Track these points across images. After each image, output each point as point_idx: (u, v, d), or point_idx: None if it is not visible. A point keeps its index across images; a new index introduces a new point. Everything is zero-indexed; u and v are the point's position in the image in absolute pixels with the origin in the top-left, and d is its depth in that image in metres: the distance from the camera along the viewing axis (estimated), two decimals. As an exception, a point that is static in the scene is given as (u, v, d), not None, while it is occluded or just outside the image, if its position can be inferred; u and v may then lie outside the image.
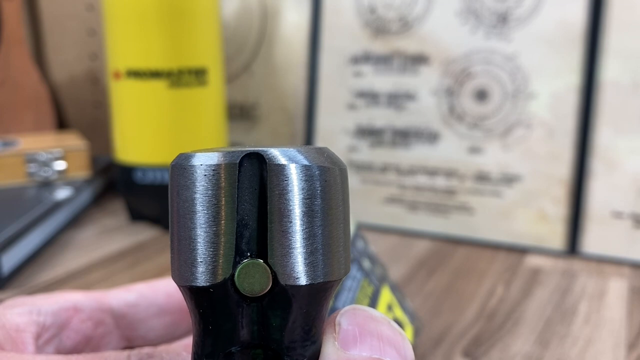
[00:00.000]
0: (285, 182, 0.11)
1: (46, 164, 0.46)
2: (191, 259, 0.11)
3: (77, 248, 0.40)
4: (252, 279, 0.11)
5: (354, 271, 0.24)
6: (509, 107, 0.40)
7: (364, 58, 0.44)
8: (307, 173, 0.11)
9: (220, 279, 0.11)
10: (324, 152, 0.12)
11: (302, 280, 0.11)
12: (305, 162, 0.11)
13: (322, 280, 0.11)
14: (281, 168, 0.11)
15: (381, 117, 0.44)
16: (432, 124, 0.42)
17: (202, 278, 0.11)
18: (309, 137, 0.47)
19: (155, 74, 0.40)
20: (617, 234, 0.38)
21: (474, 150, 0.41)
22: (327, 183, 0.11)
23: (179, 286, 0.12)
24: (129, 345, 0.19)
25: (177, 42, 0.40)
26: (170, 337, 0.20)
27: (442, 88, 0.42)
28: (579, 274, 0.36)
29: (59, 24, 0.56)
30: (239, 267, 0.11)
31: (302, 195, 0.11)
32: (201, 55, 0.41)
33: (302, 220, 0.11)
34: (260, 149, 0.11)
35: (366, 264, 0.26)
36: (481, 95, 0.41)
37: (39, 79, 0.55)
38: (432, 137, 0.42)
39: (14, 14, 0.53)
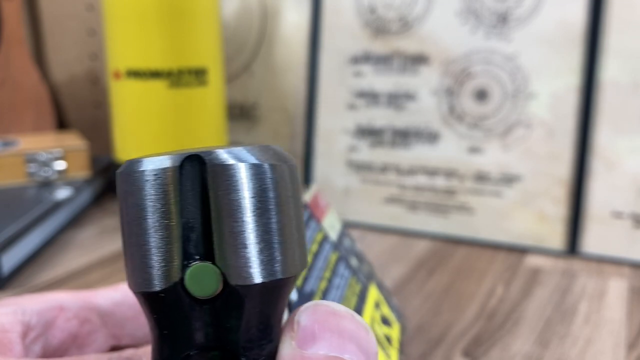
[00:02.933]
0: (227, 182, 0.11)
1: (46, 164, 0.46)
2: (141, 265, 0.11)
3: (77, 248, 0.40)
4: (202, 281, 0.11)
5: (342, 269, 0.24)
6: (509, 107, 0.40)
7: (364, 58, 0.44)
8: (252, 172, 0.11)
9: (170, 283, 0.11)
10: (269, 150, 0.12)
11: (253, 280, 0.11)
12: (249, 161, 0.11)
13: (273, 278, 0.11)
14: (223, 168, 0.11)
15: (381, 117, 0.44)
16: (432, 124, 0.42)
17: (152, 284, 0.11)
18: (309, 137, 0.47)
19: (155, 74, 0.40)
20: (617, 234, 0.38)
21: (474, 150, 0.41)
22: (273, 180, 0.11)
23: (133, 293, 0.11)
24: (117, 343, 0.19)
25: (177, 42, 0.40)
26: None
27: (442, 88, 0.42)
28: (578, 274, 0.36)
29: (59, 24, 0.56)
30: (188, 270, 0.11)
31: (245, 195, 0.11)
32: (201, 55, 0.41)
33: (247, 219, 0.11)
34: (201, 150, 0.11)
35: (353, 262, 0.26)
36: (481, 95, 0.41)
37: (39, 79, 0.55)
38: (432, 137, 0.43)
39: (14, 14, 0.53)
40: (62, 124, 0.58)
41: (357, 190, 0.45)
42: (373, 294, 0.26)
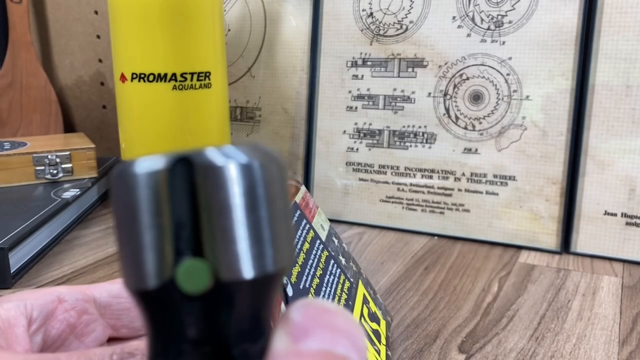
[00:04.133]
0: (216, 181, 0.11)
1: (54, 164, 0.47)
2: (133, 264, 0.11)
3: (83, 246, 0.40)
4: (193, 278, 0.11)
5: (332, 267, 0.25)
6: (503, 109, 0.41)
7: (363, 61, 0.45)
8: (241, 171, 0.11)
9: (162, 281, 0.11)
10: (257, 149, 0.12)
11: (242, 275, 0.11)
12: (238, 160, 0.11)
13: (262, 273, 0.11)
14: (211, 168, 0.11)
15: (379, 118, 0.45)
16: (428, 126, 0.43)
17: (144, 282, 0.11)
18: (309, 138, 0.48)
19: (159, 77, 0.41)
20: (609, 232, 0.38)
21: (469, 151, 0.42)
22: (261, 179, 0.12)
23: (128, 292, 0.12)
24: (114, 334, 0.20)
25: (181, 46, 0.40)
26: None
27: (438, 91, 0.42)
28: (572, 271, 0.36)
29: (66, 28, 0.57)
30: (179, 267, 0.11)
31: (233, 193, 0.11)
32: (204, 59, 0.42)
33: (236, 216, 0.11)
34: (191, 152, 0.11)
35: (342, 260, 0.27)
36: (476, 97, 0.41)
37: (47, 82, 0.56)
38: (428, 138, 0.43)
39: (22, 18, 0.54)
40: (69, 125, 0.59)
41: (356, 190, 0.46)
42: (361, 291, 0.26)
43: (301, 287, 0.21)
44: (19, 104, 0.55)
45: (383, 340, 0.25)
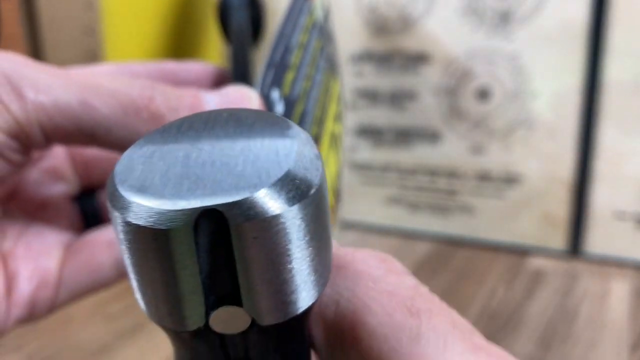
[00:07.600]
0: (254, 236, 0.09)
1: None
2: (156, 306, 0.10)
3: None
4: (228, 324, 0.10)
5: (321, 61, 0.21)
6: (511, 107, 0.40)
7: (365, 57, 0.44)
8: (275, 222, 0.09)
9: (191, 328, 0.10)
10: (295, 180, 0.10)
11: (282, 317, 0.10)
12: (270, 212, 0.09)
13: (303, 310, 0.11)
14: (247, 226, 0.09)
15: (382, 116, 0.44)
16: (433, 124, 0.42)
17: (172, 325, 0.10)
18: (309, 136, 0.47)
19: (154, 73, 0.40)
20: (620, 234, 0.37)
21: (476, 150, 0.41)
22: (303, 221, 0.10)
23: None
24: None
25: (176, 41, 0.40)
26: None
27: (444, 87, 0.42)
28: (581, 275, 0.36)
29: (57, 23, 0.56)
30: (212, 315, 0.10)
31: (270, 243, 0.10)
32: (201, 54, 0.41)
33: (273, 264, 0.10)
34: (218, 203, 0.09)
35: (330, 48, 0.23)
36: (483, 94, 0.41)
37: (38, 78, 0.55)
38: (433, 136, 0.42)
39: (12, 13, 0.53)
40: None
41: (358, 191, 0.45)
42: (336, 87, 0.24)
43: (295, 95, 0.19)
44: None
45: (341, 145, 0.23)
